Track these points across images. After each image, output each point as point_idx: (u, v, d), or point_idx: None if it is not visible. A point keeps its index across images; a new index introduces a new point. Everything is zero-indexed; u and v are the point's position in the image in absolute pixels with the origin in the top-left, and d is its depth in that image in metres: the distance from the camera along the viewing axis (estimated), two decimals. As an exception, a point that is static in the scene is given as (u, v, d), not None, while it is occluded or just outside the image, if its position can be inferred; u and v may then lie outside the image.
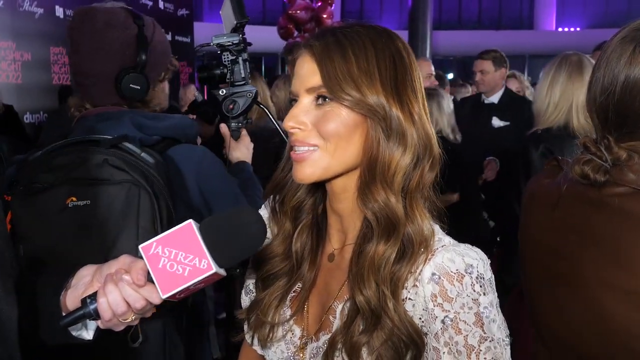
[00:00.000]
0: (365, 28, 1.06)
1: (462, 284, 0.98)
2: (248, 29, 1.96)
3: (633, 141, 1.22)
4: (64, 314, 1.04)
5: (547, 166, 1.49)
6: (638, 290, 1.17)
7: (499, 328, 1.01)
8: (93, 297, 1.00)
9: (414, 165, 1.03)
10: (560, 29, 22.34)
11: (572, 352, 1.31)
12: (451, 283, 0.99)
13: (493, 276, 1.02)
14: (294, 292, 1.18)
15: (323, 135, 1.02)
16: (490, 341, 0.99)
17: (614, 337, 1.21)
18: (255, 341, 1.22)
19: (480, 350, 0.99)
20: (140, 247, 0.98)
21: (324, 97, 1.03)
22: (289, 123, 1.05)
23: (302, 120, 1.04)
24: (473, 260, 1.00)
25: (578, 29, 21.96)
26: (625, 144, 1.22)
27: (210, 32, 2.01)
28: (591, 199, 1.25)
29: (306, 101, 1.05)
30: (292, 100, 1.09)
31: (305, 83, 1.04)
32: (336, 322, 1.09)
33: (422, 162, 1.04)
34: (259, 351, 1.24)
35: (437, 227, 1.07)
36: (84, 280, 1.07)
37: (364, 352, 1.02)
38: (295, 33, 9.23)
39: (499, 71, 4.47)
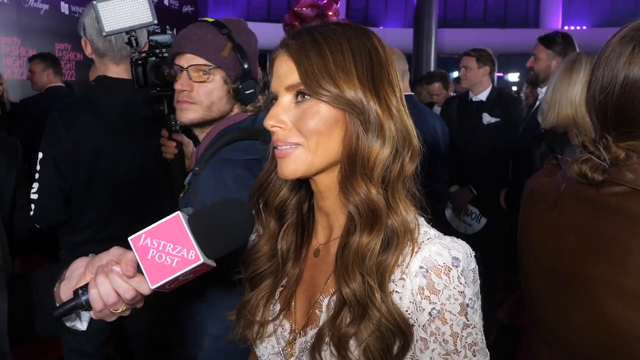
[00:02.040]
0: (340, 26, 1.08)
1: (449, 277, 1.01)
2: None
3: (631, 140, 1.22)
4: (57, 305, 1.06)
5: (546, 165, 1.49)
6: (635, 290, 1.17)
7: (479, 316, 1.06)
8: (85, 288, 1.03)
9: (394, 157, 1.05)
10: (566, 28, 22.23)
11: (574, 351, 1.31)
12: (438, 276, 1.02)
13: (477, 267, 1.06)
14: (281, 287, 1.19)
15: (304, 134, 1.04)
16: (472, 328, 1.04)
17: (614, 336, 1.21)
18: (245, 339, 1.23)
19: (462, 336, 1.04)
20: (129, 239, 1.00)
21: (303, 94, 1.05)
22: (269, 122, 1.06)
23: (282, 119, 1.06)
24: (459, 253, 1.03)
25: (584, 27, 21.85)
26: (623, 143, 1.22)
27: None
28: (589, 198, 1.25)
29: (286, 100, 1.06)
30: (273, 99, 1.10)
31: (284, 81, 1.06)
32: (323, 316, 1.10)
33: (402, 154, 1.06)
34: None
35: (422, 220, 1.09)
36: (77, 272, 1.09)
37: (352, 343, 1.03)
38: (300, 30, 9.22)
39: (482, 68, 4.61)
